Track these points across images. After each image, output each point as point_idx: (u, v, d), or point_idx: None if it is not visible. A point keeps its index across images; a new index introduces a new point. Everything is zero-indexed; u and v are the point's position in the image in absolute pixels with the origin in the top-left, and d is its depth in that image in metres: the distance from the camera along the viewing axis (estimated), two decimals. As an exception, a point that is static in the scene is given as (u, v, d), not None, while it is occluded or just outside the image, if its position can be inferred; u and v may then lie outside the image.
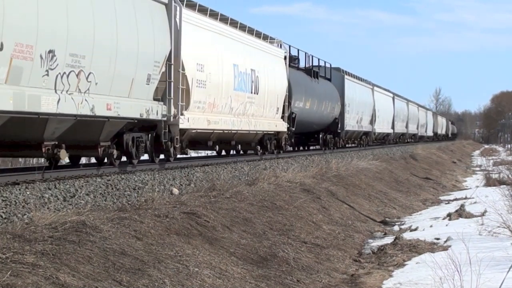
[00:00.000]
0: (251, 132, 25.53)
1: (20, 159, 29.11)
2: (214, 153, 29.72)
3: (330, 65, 41.47)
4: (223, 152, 28.48)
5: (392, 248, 17.25)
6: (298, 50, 35.58)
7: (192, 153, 31.13)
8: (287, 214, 17.63)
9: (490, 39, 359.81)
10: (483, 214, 21.23)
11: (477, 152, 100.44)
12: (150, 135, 18.15)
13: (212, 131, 22.06)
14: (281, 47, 30.02)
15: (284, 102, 28.89)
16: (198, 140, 22.54)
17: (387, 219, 24.04)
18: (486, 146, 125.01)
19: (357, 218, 21.89)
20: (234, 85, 23.34)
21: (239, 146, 25.49)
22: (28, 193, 12.31)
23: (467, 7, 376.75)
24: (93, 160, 23.95)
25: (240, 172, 21.64)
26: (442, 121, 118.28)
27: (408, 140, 75.22)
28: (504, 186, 28.57)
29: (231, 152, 28.83)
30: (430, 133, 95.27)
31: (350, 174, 28.91)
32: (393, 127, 62.09)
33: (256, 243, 14.33)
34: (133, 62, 16.21)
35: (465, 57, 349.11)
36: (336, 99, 39.60)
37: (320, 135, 37.68)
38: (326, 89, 37.88)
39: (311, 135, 38.03)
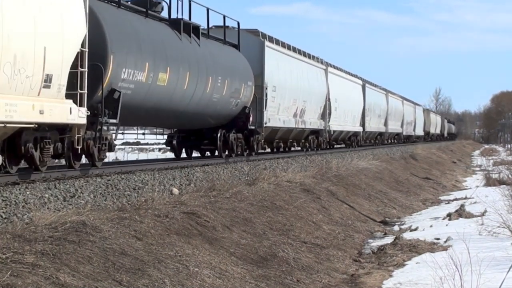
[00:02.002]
0: None
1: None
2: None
3: (238, 24, 26.04)
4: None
5: (392, 248, 17.25)
6: None
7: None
8: (287, 214, 17.63)
9: (490, 39, 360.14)
10: (483, 214, 21.23)
11: (477, 152, 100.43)
12: None
13: None
14: None
15: (80, 67, 14.53)
16: None
17: (387, 219, 24.05)
18: (486, 146, 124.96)
19: (357, 218, 21.89)
20: None
21: None
22: (28, 193, 12.31)
23: (467, 7, 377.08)
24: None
25: (240, 172, 21.64)
26: (436, 119, 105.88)
27: (389, 141, 62.99)
28: (504, 186, 28.59)
29: None
30: (420, 132, 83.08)
31: (350, 174, 28.92)
32: (363, 125, 48.11)
33: (256, 243, 14.33)
34: None
35: (465, 57, 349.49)
36: (246, 77, 24.86)
37: (219, 134, 23.36)
38: (222, 58, 23.20)
39: (206, 134, 23.92)
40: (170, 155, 24.90)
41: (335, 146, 45.27)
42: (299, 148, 35.29)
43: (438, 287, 11.77)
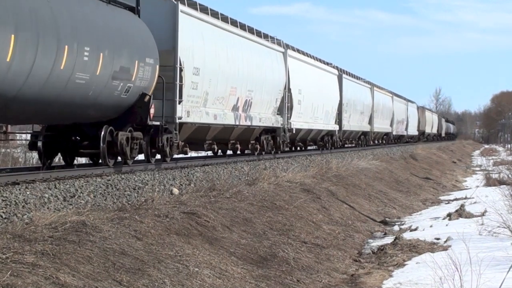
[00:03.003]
0: None
1: (20, 159, 29.15)
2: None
3: None
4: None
5: (392, 248, 17.25)
6: None
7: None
8: (287, 214, 17.63)
9: (490, 39, 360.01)
10: (483, 214, 21.23)
11: (477, 152, 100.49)
12: None
13: None
14: None
15: None
16: None
17: (387, 219, 24.04)
18: (486, 146, 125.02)
19: (357, 218, 21.89)
20: None
21: None
22: (28, 193, 12.32)
23: (467, 7, 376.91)
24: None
25: (240, 172, 21.64)
26: (432, 117, 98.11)
27: (375, 142, 56.00)
28: (504, 186, 28.58)
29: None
30: (413, 131, 75.79)
31: (350, 174, 28.92)
32: (340, 123, 40.90)
33: (256, 243, 14.34)
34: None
35: (465, 57, 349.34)
36: (144, 52, 17.66)
37: (102, 133, 16.59)
38: (96, 21, 15.61)
39: (88, 132, 17.17)
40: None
41: (308, 148, 38.89)
42: (241, 153, 27.31)
43: (438, 287, 11.77)
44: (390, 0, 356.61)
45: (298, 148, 37.71)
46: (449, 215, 22.59)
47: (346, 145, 45.75)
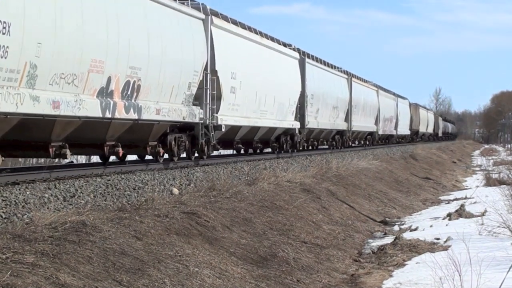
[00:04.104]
0: None
1: (20, 159, 29.11)
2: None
3: None
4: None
5: (392, 248, 17.25)
6: None
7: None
8: (287, 214, 17.63)
9: (490, 39, 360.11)
10: (483, 214, 21.23)
11: (477, 152, 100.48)
12: None
13: None
14: None
15: None
16: None
17: (387, 219, 24.04)
18: (486, 146, 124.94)
19: (357, 218, 21.88)
20: None
21: None
22: (28, 193, 12.32)
23: (467, 7, 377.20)
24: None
25: (240, 172, 21.63)
26: (427, 115, 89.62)
27: (356, 143, 49.11)
28: (504, 186, 28.57)
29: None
30: (404, 131, 67.68)
31: (350, 174, 28.91)
32: (303, 119, 32.13)
33: (256, 243, 14.33)
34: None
35: (465, 57, 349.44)
36: None
37: None
38: None
39: None
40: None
41: (264, 151, 30.44)
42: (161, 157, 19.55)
43: (438, 287, 11.77)
44: (390, 0, 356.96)
45: (254, 151, 29.04)
46: (449, 215, 22.59)
47: (304, 148, 36.13)
